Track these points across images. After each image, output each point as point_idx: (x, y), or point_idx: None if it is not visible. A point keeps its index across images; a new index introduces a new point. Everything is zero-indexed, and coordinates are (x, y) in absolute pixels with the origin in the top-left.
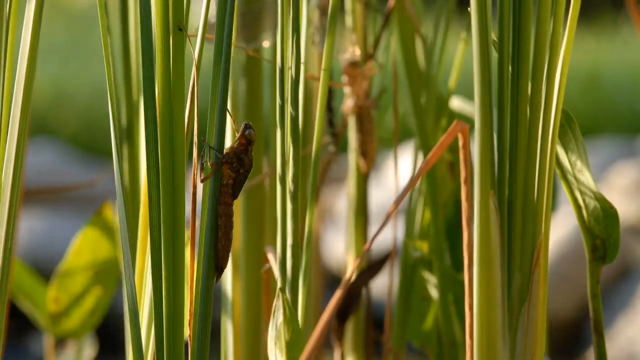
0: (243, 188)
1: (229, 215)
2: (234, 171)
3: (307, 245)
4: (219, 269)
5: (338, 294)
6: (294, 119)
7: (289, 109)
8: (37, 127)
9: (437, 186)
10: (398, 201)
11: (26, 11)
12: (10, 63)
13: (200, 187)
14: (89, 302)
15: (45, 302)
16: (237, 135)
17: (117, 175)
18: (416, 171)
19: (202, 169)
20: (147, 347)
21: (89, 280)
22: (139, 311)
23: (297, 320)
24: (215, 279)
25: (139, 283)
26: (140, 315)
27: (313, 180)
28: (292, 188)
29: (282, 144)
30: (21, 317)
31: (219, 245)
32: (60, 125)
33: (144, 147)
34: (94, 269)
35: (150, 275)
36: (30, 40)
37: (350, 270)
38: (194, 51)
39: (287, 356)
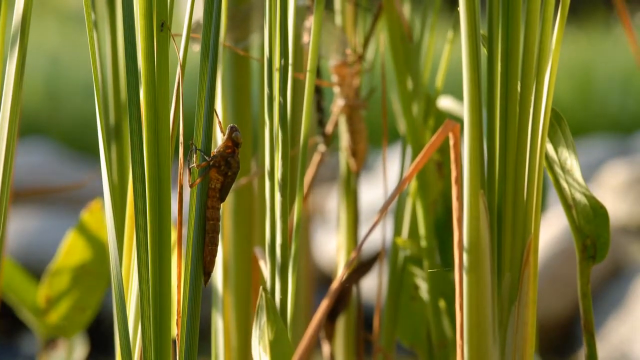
0: (231, 189)
1: (216, 219)
2: (221, 174)
3: (295, 242)
4: (206, 274)
5: (328, 296)
6: (283, 118)
7: (277, 108)
8: (29, 126)
9: (427, 185)
10: (386, 205)
11: (15, 10)
12: (0, 62)
13: (187, 188)
14: (80, 301)
15: (37, 301)
16: (224, 137)
17: (104, 175)
18: (405, 171)
19: (189, 173)
20: (134, 346)
21: (79, 279)
22: (127, 310)
23: (281, 320)
24: (203, 283)
25: (127, 282)
26: (127, 314)
27: (301, 176)
28: (280, 187)
29: (271, 143)
30: (13, 316)
31: (206, 250)
32: (52, 125)
33: None
34: (85, 268)
35: (137, 276)
36: (20, 38)
37: (340, 272)
38: (178, 51)
39: (271, 355)
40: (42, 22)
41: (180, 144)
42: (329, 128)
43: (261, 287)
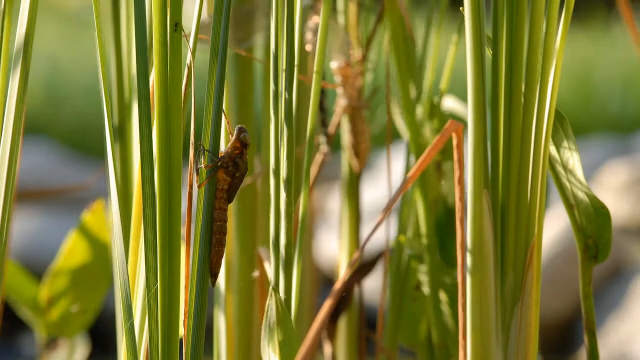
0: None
1: (224, 221)
2: (229, 175)
3: (299, 242)
4: (213, 275)
5: (331, 297)
6: (288, 117)
7: (282, 107)
8: (30, 126)
9: (427, 185)
10: (390, 205)
11: (20, 11)
12: (6, 63)
13: (195, 187)
14: (81, 301)
15: (38, 301)
16: (232, 138)
17: (110, 176)
18: (408, 172)
19: (197, 173)
20: (139, 347)
21: (81, 279)
22: (133, 311)
23: (290, 320)
24: (210, 284)
25: (132, 283)
26: (133, 315)
27: (306, 175)
28: (285, 186)
29: (276, 142)
30: (14, 316)
31: (213, 251)
32: (53, 125)
33: (135, 147)
34: (86, 269)
35: (144, 276)
36: (25, 40)
37: (342, 272)
38: (191, 51)
39: (281, 355)
40: (43, 22)
41: (190, 145)
42: (331, 129)
43: (271, 287)
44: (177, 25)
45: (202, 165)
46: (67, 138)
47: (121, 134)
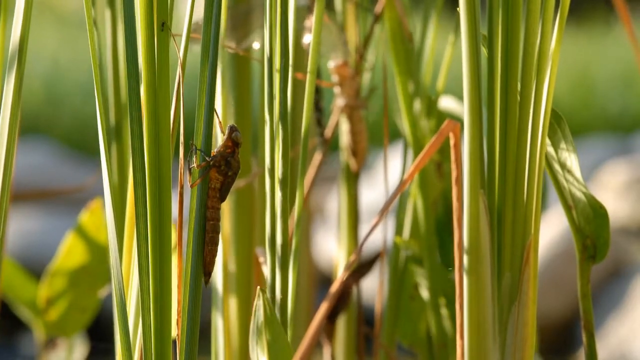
0: (231, 189)
1: (217, 219)
2: (221, 174)
3: (295, 241)
4: (207, 274)
5: (329, 298)
6: (283, 116)
7: (277, 107)
8: (29, 126)
9: (427, 185)
10: (387, 205)
11: (16, 10)
12: (1, 63)
13: (187, 187)
14: (79, 301)
15: (37, 301)
16: (224, 137)
17: (105, 175)
18: (406, 172)
19: (190, 173)
20: (134, 346)
21: (79, 279)
22: (127, 309)
23: (278, 320)
24: (204, 283)
25: (127, 282)
26: (128, 314)
27: (301, 175)
28: (280, 185)
29: (271, 142)
30: (13, 316)
31: (206, 250)
32: (53, 125)
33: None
34: (85, 268)
35: (137, 276)
36: (20, 39)
37: (341, 272)
38: (179, 51)
39: (269, 356)
40: (42, 23)
41: (180, 144)
42: (327, 132)
43: (258, 287)
44: (163, 25)
45: (195, 165)
46: (67, 138)
47: (118, 133)
